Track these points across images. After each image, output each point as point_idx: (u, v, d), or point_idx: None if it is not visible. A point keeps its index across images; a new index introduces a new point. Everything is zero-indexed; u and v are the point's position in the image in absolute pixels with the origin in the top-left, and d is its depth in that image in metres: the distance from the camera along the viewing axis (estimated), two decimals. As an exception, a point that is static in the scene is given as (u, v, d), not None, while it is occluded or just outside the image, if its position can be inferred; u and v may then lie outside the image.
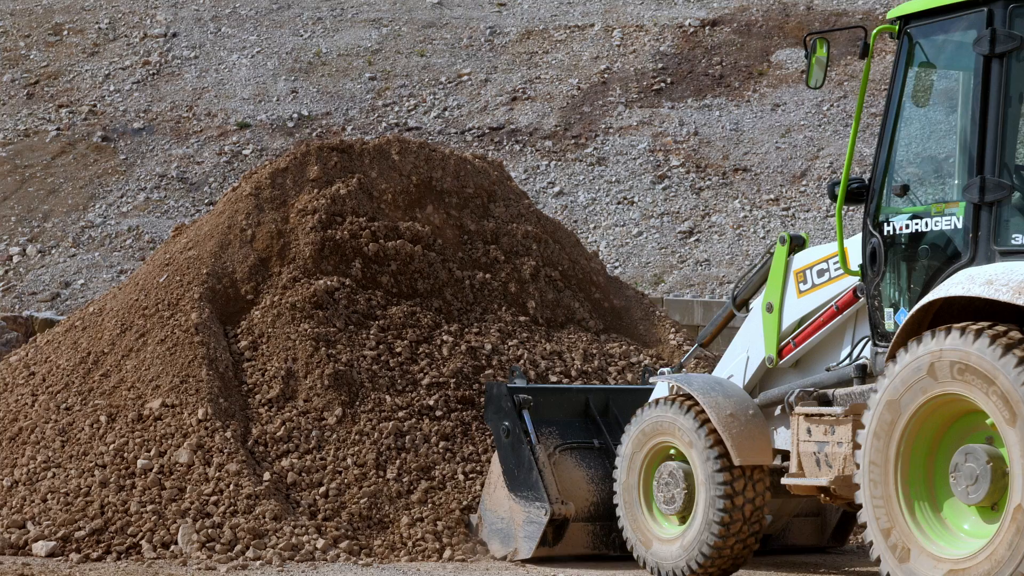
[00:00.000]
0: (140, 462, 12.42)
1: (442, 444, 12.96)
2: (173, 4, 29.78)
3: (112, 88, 27.19)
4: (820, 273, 10.70)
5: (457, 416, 13.19)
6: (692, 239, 23.52)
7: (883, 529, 8.89)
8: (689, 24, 28.56)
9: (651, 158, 25.27)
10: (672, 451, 11.15)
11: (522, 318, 14.36)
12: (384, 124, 26.29)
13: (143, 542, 11.83)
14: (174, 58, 28.12)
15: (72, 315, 15.09)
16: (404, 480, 12.62)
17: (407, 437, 12.89)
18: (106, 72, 27.63)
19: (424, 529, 12.32)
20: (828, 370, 10.50)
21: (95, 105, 26.68)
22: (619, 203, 24.29)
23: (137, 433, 12.67)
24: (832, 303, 10.54)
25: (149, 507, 12.07)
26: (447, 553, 12.15)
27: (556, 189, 24.69)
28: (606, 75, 27.46)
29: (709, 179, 24.79)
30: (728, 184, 24.65)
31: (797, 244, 10.98)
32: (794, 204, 24.13)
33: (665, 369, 12.49)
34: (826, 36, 9.95)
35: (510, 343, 14.01)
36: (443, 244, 14.45)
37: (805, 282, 10.79)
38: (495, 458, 12.27)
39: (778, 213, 23.97)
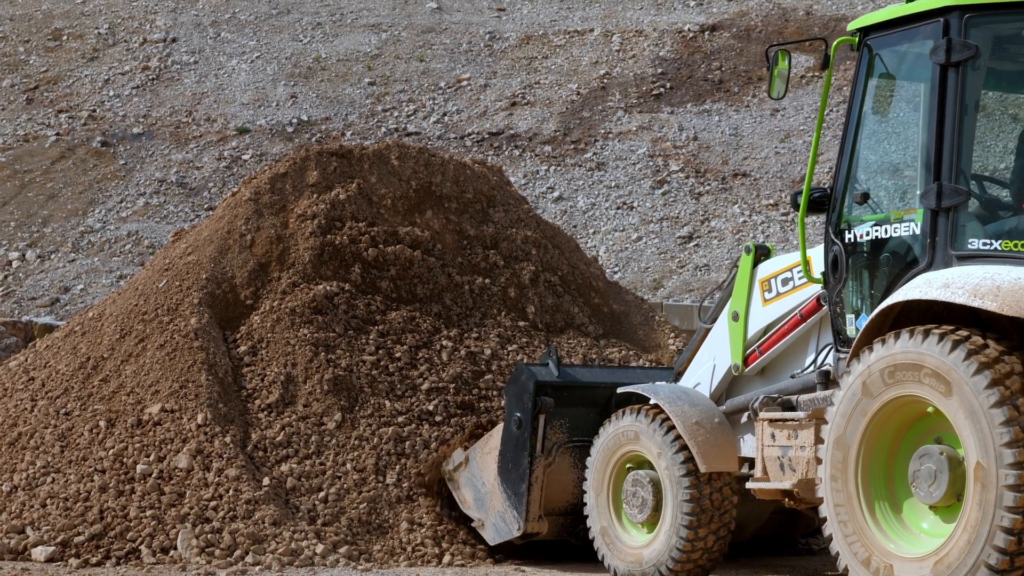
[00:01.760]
0: (139, 467, 12.41)
1: (442, 449, 12.96)
2: (173, 9, 29.80)
3: (112, 93, 27.20)
4: (784, 282, 10.90)
5: (457, 421, 13.19)
6: (691, 244, 23.53)
7: (863, 560, 9.05)
8: (688, 29, 28.58)
9: (650, 163, 25.28)
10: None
11: (521, 323, 14.36)
12: (383, 129, 26.30)
13: (142, 547, 11.83)
14: (173, 63, 28.13)
15: (71, 320, 15.09)
16: (404, 485, 12.62)
17: (407, 442, 12.89)
18: (106, 77, 27.65)
19: (423, 534, 12.32)
20: (793, 377, 10.65)
21: (95, 110, 26.69)
22: (618, 208, 24.30)
23: (136, 438, 12.67)
24: (796, 311, 10.71)
25: (148, 512, 12.06)
26: (446, 559, 12.15)
27: (555, 194, 24.69)
28: (605, 80, 27.47)
29: (708, 184, 24.80)
30: (727, 189, 24.66)
31: (762, 254, 11.20)
32: (793, 209, 24.12)
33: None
34: (787, 48, 10.20)
35: (509, 348, 14.00)
36: (442, 249, 14.45)
37: (770, 291, 10.99)
38: (500, 428, 12.22)
39: (777, 218, 23.98)
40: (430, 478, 12.69)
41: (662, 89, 27.10)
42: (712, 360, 11.38)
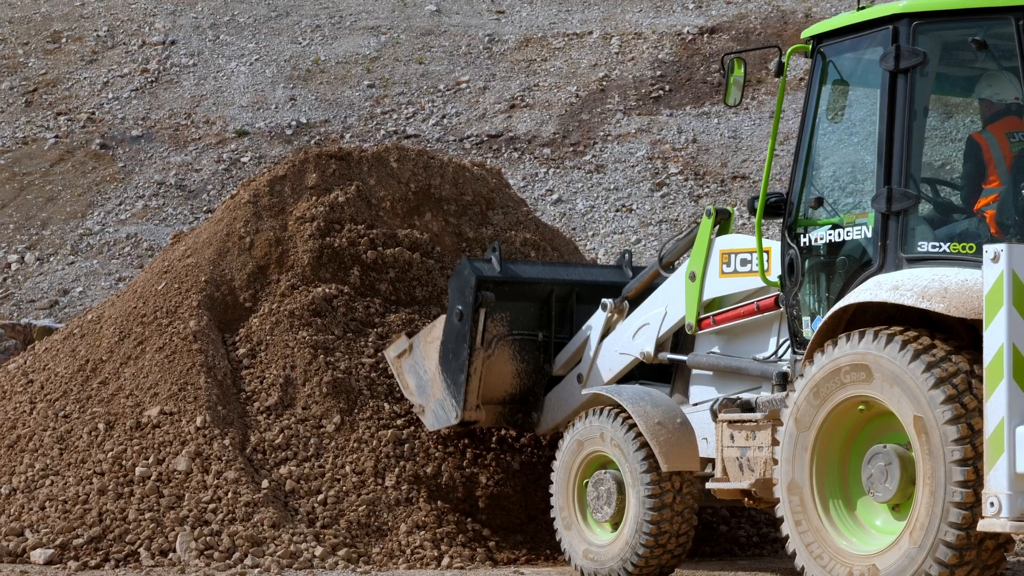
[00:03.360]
0: (138, 470, 12.41)
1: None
2: (172, 12, 29.81)
3: (111, 96, 27.21)
4: (743, 262, 11.15)
5: (456, 423, 13.18)
6: (690, 246, 23.53)
7: None
8: (687, 32, 28.60)
9: (649, 165, 25.29)
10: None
11: (521, 325, 14.36)
12: (383, 131, 26.31)
13: (141, 550, 11.82)
14: (172, 66, 28.14)
15: (70, 323, 15.08)
16: (403, 488, 12.62)
17: (406, 445, 12.88)
18: (104, 80, 27.65)
19: (423, 537, 12.32)
20: (755, 360, 10.89)
21: (93, 113, 26.70)
22: (617, 210, 24.30)
23: (135, 441, 12.66)
24: (754, 301, 10.94)
25: (147, 515, 12.06)
26: (445, 561, 12.15)
27: (554, 196, 24.70)
28: (604, 83, 27.48)
29: (707, 186, 24.81)
30: (726, 191, 24.67)
31: (723, 218, 11.45)
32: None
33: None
34: (743, 56, 10.52)
35: (509, 350, 14.01)
36: (441, 251, 14.45)
37: (729, 264, 11.24)
38: (443, 319, 12.54)
39: (776, 219, 23.99)
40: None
41: (661, 91, 27.11)
42: (664, 307, 11.64)
